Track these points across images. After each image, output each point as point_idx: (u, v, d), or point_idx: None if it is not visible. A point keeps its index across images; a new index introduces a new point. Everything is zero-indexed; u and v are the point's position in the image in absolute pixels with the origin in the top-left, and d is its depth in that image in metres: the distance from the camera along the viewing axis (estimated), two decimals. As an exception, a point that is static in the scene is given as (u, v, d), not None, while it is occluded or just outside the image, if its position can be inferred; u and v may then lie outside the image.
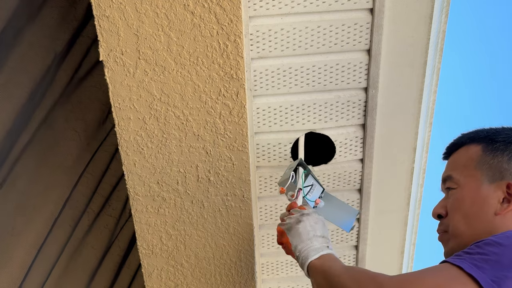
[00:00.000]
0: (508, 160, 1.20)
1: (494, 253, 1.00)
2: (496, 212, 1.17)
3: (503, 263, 0.98)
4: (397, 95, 1.71)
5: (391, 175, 1.87)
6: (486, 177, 1.21)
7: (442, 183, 1.31)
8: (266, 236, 1.96)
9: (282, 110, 1.71)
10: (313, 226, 1.38)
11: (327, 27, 1.59)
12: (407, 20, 1.58)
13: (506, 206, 1.17)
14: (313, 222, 1.39)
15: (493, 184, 1.20)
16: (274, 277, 2.08)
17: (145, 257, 1.77)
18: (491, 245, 1.02)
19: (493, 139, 1.24)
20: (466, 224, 1.21)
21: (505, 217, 1.17)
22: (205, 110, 1.53)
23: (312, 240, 1.35)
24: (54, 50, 1.57)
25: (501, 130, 1.26)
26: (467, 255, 1.03)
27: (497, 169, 1.20)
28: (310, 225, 1.38)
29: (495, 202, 1.18)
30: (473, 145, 1.26)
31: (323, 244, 1.34)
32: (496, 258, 0.99)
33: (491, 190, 1.19)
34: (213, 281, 1.84)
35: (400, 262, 2.09)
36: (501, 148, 1.22)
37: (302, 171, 1.62)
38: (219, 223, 1.72)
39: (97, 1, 1.37)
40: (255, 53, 1.61)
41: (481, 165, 1.22)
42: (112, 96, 1.49)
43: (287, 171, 1.64)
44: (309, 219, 1.40)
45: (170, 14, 1.40)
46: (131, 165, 1.60)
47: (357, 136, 1.79)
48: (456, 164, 1.29)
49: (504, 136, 1.23)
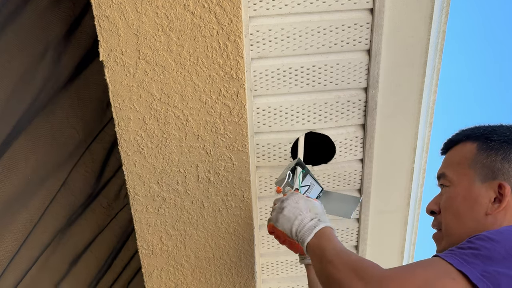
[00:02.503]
0: (502, 160, 1.20)
1: (485, 248, 1.00)
2: (487, 212, 1.18)
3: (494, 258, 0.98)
4: (397, 95, 1.71)
5: (391, 175, 1.87)
6: (478, 176, 1.21)
7: (437, 180, 1.32)
8: (266, 236, 1.96)
9: (282, 110, 1.71)
10: (296, 206, 1.39)
11: (327, 27, 1.59)
12: (407, 20, 1.58)
13: (497, 206, 1.17)
14: (294, 203, 1.40)
15: (485, 184, 1.20)
16: (274, 277, 2.08)
17: (145, 257, 1.77)
18: (483, 240, 1.02)
19: (488, 138, 1.24)
20: (458, 223, 1.21)
21: (496, 217, 1.17)
22: (205, 110, 1.53)
23: (301, 220, 1.35)
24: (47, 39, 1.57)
25: (498, 128, 1.25)
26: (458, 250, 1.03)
27: (490, 169, 1.20)
28: (293, 207, 1.39)
29: (487, 201, 1.18)
30: (468, 143, 1.26)
31: (313, 219, 1.34)
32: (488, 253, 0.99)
33: (483, 189, 1.20)
34: (213, 281, 1.84)
35: (400, 262, 2.09)
36: (496, 147, 1.22)
37: (300, 170, 1.62)
38: (219, 223, 1.72)
39: (97, 1, 1.37)
40: (255, 53, 1.61)
41: (474, 164, 1.22)
42: (112, 96, 1.49)
43: (284, 170, 1.64)
44: (289, 202, 1.40)
45: (170, 14, 1.40)
46: (131, 165, 1.60)
47: (357, 136, 1.79)
48: (450, 161, 1.29)
49: (499, 135, 1.23)
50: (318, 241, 1.28)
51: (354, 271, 1.09)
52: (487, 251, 0.99)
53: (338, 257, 1.18)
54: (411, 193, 1.93)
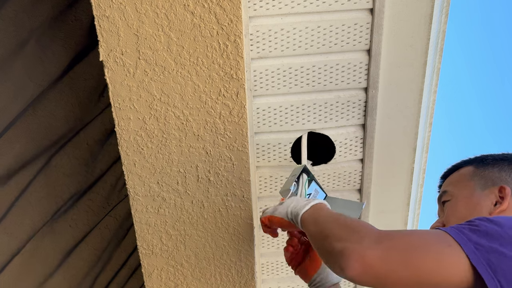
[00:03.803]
0: (499, 171, 1.27)
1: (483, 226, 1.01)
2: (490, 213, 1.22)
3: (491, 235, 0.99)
4: (397, 95, 1.71)
5: (391, 175, 1.87)
6: (478, 186, 1.27)
7: (438, 201, 1.38)
8: (266, 236, 1.96)
9: (282, 110, 1.71)
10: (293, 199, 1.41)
11: (327, 27, 1.59)
12: (407, 20, 1.58)
13: (498, 206, 1.21)
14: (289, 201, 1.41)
15: (485, 191, 1.26)
16: (274, 277, 2.08)
17: (145, 257, 1.77)
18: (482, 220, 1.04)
19: (483, 159, 1.32)
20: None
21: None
22: (205, 110, 1.53)
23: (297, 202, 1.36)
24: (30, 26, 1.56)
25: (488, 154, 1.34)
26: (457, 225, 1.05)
27: (488, 178, 1.27)
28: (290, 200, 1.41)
29: (489, 204, 1.23)
30: (465, 167, 1.34)
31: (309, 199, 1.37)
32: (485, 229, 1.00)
33: (483, 195, 1.25)
34: (213, 281, 1.84)
35: (400, 262, 2.08)
36: (491, 163, 1.29)
37: (306, 178, 1.61)
38: (219, 223, 1.72)
39: (97, 1, 1.37)
40: (255, 53, 1.61)
41: (473, 177, 1.29)
42: (112, 96, 1.49)
43: (290, 178, 1.62)
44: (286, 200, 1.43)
45: (170, 14, 1.40)
46: (131, 165, 1.60)
47: (357, 136, 1.79)
48: (450, 181, 1.36)
49: (493, 156, 1.32)
50: (312, 211, 1.29)
51: (350, 228, 1.10)
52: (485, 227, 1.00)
53: (334, 219, 1.19)
54: (411, 193, 1.93)
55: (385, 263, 1.00)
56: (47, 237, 1.83)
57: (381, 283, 1.01)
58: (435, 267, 0.97)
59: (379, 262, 1.00)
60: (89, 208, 1.99)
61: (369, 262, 1.00)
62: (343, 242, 1.05)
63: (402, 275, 0.99)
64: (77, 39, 1.72)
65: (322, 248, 1.15)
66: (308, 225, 1.27)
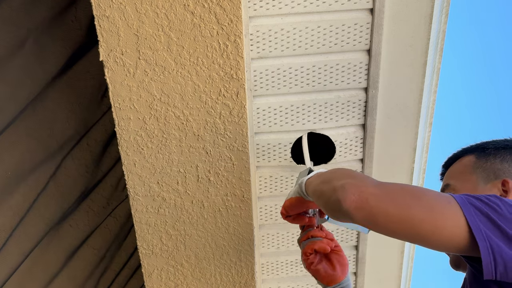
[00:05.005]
0: (501, 161, 1.26)
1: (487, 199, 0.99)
2: None
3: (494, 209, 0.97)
4: (397, 95, 1.71)
5: (391, 175, 1.87)
6: (481, 179, 1.26)
7: None
8: (266, 236, 1.96)
9: (282, 110, 1.71)
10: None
11: (327, 27, 1.59)
12: (407, 20, 1.58)
13: None
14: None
15: (488, 185, 1.24)
16: (274, 277, 2.08)
17: (145, 257, 1.77)
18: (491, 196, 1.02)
19: (484, 147, 1.31)
20: None
21: None
22: (205, 110, 1.53)
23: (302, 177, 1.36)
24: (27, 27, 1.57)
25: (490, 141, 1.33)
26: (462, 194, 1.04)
27: (491, 170, 1.26)
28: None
29: None
30: (466, 156, 1.33)
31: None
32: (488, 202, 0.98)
33: (486, 190, 1.24)
34: (213, 281, 1.84)
35: (400, 262, 2.09)
36: (493, 153, 1.28)
37: None
38: (219, 223, 1.72)
39: (97, 1, 1.37)
40: (255, 53, 1.61)
41: (475, 169, 1.28)
42: (112, 96, 1.49)
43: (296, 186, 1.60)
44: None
45: (170, 14, 1.40)
46: (131, 165, 1.60)
47: (357, 136, 1.79)
48: (452, 174, 1.35)
49: (493, 143, 1.30)
50: (315, 175, 1.29)
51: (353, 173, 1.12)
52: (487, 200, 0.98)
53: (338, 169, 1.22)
54: (411, 193, 1.92)
55: (380, 201, 1.01)
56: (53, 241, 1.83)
57: (373, 221, 1.01)
58: (427, 215, 0.97)
59: (375, 198, 1.01)
60: (90, 209, 1.99)
61: (366, 197, 1.02)
62: (345, 179, 1.08)
63: (394, 216, 0.99)
64: (77, 39, 1.72)
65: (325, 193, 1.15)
66: (312, 183, 1.26)
